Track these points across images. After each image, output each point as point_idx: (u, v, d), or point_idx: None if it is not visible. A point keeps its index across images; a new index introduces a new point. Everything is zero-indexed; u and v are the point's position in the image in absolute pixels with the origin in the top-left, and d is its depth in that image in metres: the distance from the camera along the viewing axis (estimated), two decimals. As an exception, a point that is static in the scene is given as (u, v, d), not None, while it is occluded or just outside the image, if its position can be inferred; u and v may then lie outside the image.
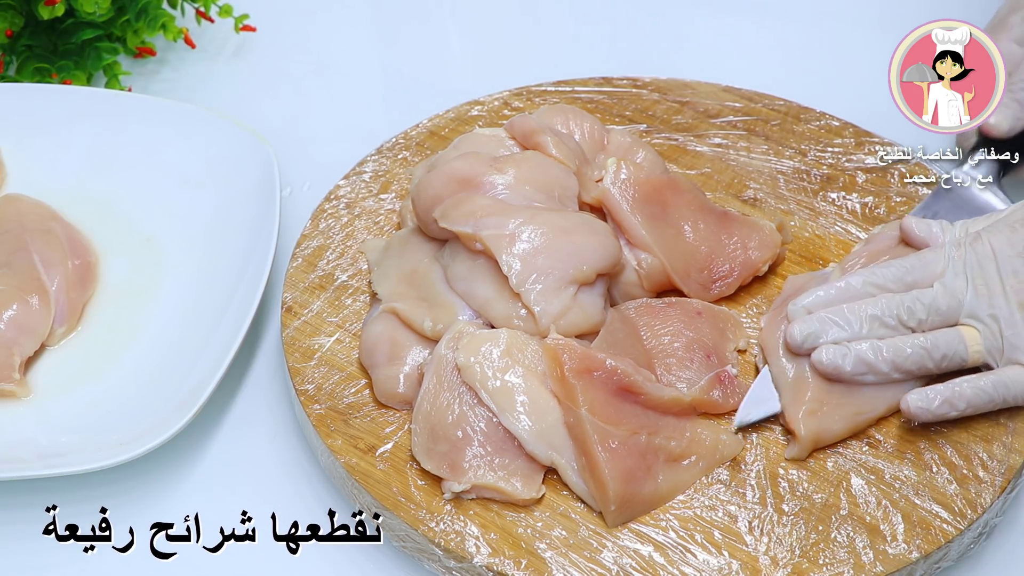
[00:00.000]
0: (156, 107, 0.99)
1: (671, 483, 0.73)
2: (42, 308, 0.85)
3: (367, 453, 0.75)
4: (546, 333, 0.75)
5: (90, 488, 0.79)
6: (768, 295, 0.85)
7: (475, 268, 0.77)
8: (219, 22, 1.15)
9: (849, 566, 0.69)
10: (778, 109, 0.99)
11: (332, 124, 1.09)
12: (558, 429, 0.72)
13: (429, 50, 1.18)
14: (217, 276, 0.88)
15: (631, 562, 0.69)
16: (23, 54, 1.06)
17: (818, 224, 0.89)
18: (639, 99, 1.00)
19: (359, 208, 0.91)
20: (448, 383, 0.73)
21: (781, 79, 1.08)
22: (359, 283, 0.86)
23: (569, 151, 0.83)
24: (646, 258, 0.82)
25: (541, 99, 1.00)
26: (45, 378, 0.84)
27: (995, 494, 0.72)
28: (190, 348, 0.84)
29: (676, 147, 0.96)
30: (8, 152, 0.98)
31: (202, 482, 0.80)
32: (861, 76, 0.98)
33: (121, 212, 0.95)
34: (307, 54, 1.17)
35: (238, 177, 0.94)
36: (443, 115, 0.99)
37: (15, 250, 0.88)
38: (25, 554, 0.76)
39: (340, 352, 0.81)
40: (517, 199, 0.79)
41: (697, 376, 0.77)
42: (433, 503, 0.72)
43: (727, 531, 0.71)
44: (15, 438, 0.80)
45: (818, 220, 0.90)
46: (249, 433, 0.83)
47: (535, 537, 0.70)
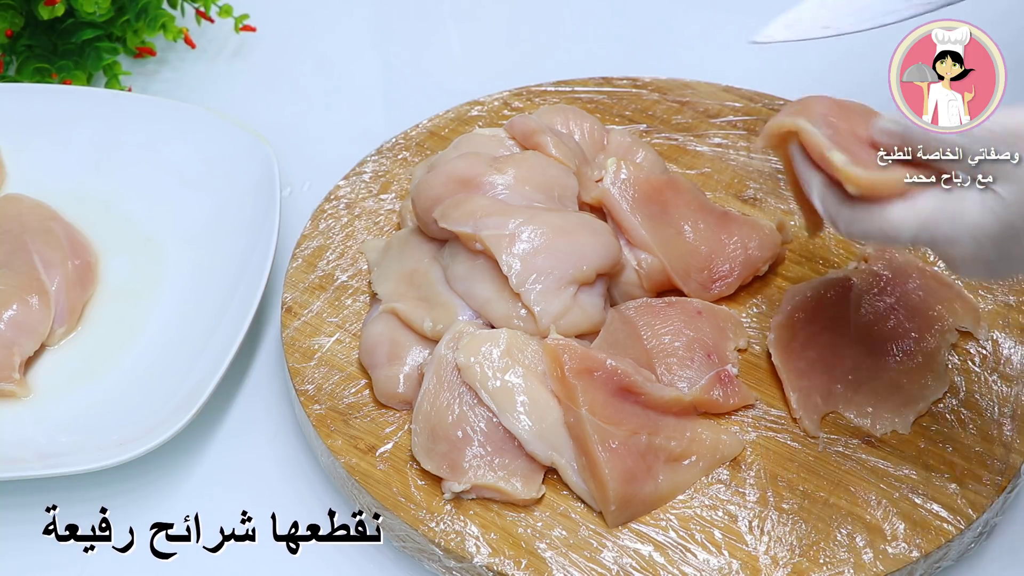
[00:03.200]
0: (156, 107, 0.99)
1: (671, 483, 0.73)
2: (42, 308, 0.85)
3: (367, 453, 0.75)
4: (546, 333, 0.75)
5: (90, 488, 0.79)
6: (768, 295, 0.85)
7: (475, 268, 0.77)
8: (219, 22, 1.15)
9: (849, 566, 0.69)
10: (778, 109, 0.98)
11: (332, 124, 1.09)
12: (558, 429, 0.72)
13: (429, 50, 1.19)
14: (217, 276, 0.88)
15: (631, 562, 0.69)
16: (23, 54, 1.06)
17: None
18: (639, 99, 1.00)
19: (359, 208, 0.91)
20: (448, 383, 0.73)
21: (781, 79, 1.08)
22: (359, 283, 0.86)
23: (569, 151, 0.83)
24: (646, 258, 0.82)
25: (541, 99, 1.00)
26: (45, 378, 0.84)
27: (995, 494, 0.72)
28: (190, 348, 0.84)
29: (676, 147, 0.96)
30: (8, 152, 0.98)
31: (202, 482, 0.80)
32: (861, 76, 0.98)
33: (121, 212, 0.95)
34: (307, 54, 1.17)
35: (238, 177, 0.94)
36: (443, 115, 0.99)
37: (15, 250, 0.88)
38: (25, 554, 0.76)
39: (340, 352, 0.81)
40: (517, 199, 0.79)
41: (698, 375, 0.77)
42: (433, 503, 0.72)
43: (727, 531, 0.71)
44: (15, 438, 0.80)
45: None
46: (249, 433, 0.83)
47: (535, 537, 0.70)
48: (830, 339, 0.80)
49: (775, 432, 0.76)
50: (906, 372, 0.78)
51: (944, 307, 0.82)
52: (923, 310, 0.81)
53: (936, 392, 0.78)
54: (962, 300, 0.83)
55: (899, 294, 0.82)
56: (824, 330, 0.80)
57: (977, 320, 0.82)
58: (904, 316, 0.81)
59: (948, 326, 0.81)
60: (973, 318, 0.82)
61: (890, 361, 0.79)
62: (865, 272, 0.83)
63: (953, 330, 0.81)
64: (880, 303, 0.82)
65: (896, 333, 0.80)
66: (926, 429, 0.76)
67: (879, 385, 0.78)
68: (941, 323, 0.81)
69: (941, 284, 0.83)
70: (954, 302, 0.82)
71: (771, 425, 0.77)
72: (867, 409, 0.77)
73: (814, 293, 0.82)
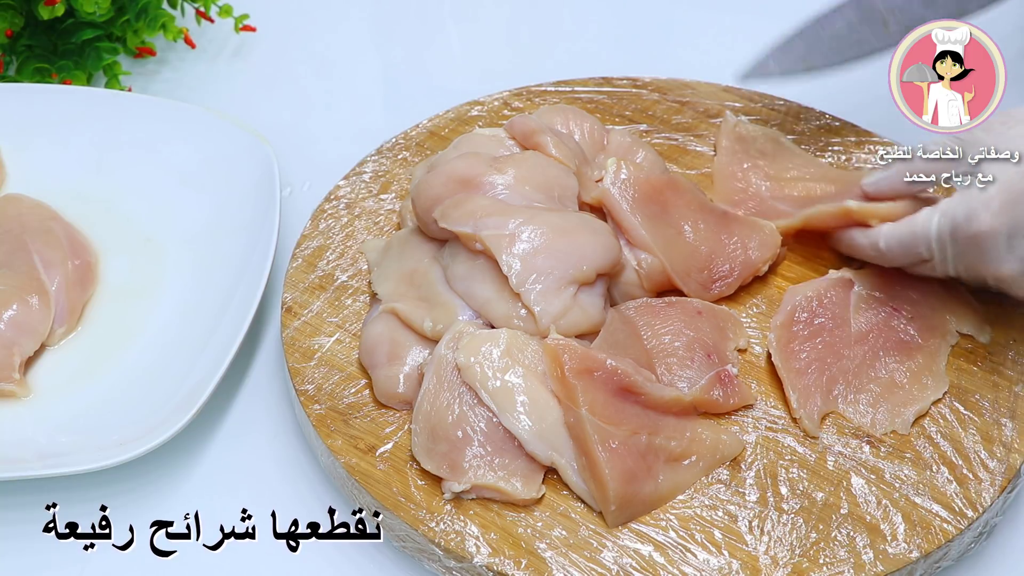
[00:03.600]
0: (156, 107, 0.99)
1: (671, 483, 0.73)
2: (42, 308, 0.85)
3: (367, 453, 0.75)
4: (546, 333, 0.75)
5: (90, 488, 0.79)
6: (768, 295, 0.85)
7: (475, 268, 0.77)
8: (219, 22, 1.15)
9: (849, 565, 0.69)
10: (778, 109, 0.99)
11: (332, 124, 1.09)
12: (558, 429, 0.72)
13: (429, 50, 1.19)
14: (217, 276, 0.88)
15: (631, 562, 0.69)
16: (23, 54, 1.06)
17: (818, 224, 0.89)
18: (639, 99, 1.00)
19: (359, 208, 0.91)
20: (448, 383, 0.73)
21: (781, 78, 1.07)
22: (359, 283, 0.86)
23: (569, 151, 0.83)
24: (646, 258, 0.82)
25: (541, 99, 1.00)
26: (45, 378, 0.84)
27: (995, 494, 0.72)
28: (190, 348, 0.84)
29: (676, 147, 0.96)
30: (8, 152, 0.98)
31: (202, 482, 0.80)
32: (861, 76, 0.98)
33: (121, 212, 0.95)
34: (307, 54, 1.17)
35: (238, 177, 0.94)
36: (443, 115, 0.99)
37: (15, 250, 0.88)
38: (25, 553, 0.76)
39: (340, 352, 0.81)
40: (517, 199, 0.79)
41: (698, 375, 0.77)
42: (433, 503, 0.72)
43: (727, 531, 0.71)
44: (15, 438, 0.80)
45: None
46: (249, 433, 0.83)
47: (535, 537, 0.70)
48: (830, 339, 0.80)
49: (775, 432, 0.76)
50: (906, 372, 0.78)
51: (947, 310, 0.82)
52: (925, 312, 0.81)
53: (936, 392, 0.78)
54: (965, 304, 0.82)
55: (901, 295, 0.82)
56: (824, 330, 0.80)
57: (980, 324, 0.81)
58: (905, 317, 0.81)
59: (950, 329, 0.81)
60: (975, 322, 0.82)
61: (890, 361, 0.79)
62: (867, 273, 0.83)
63: (955, 332, 0.81)
64: (881, 304, 0.82)
65: (896, 334, 0.80)
66: (926, 429, 0.76)
67: (879, 385, 0.78)
68: (943, 326, 0.81)
69: (945, 287, 0.83)
70: (957, 306, 0.82)
71: (771, 425, 0.77)
72: (867, 409, 0.77)
73: (815, 293, 0.82)
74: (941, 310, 0.82)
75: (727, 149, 0.93)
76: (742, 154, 0.93)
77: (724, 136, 0.94)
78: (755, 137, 0.94)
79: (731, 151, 0.93)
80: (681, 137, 0.97)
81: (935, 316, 0.81)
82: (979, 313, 0.82)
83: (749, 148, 0.93)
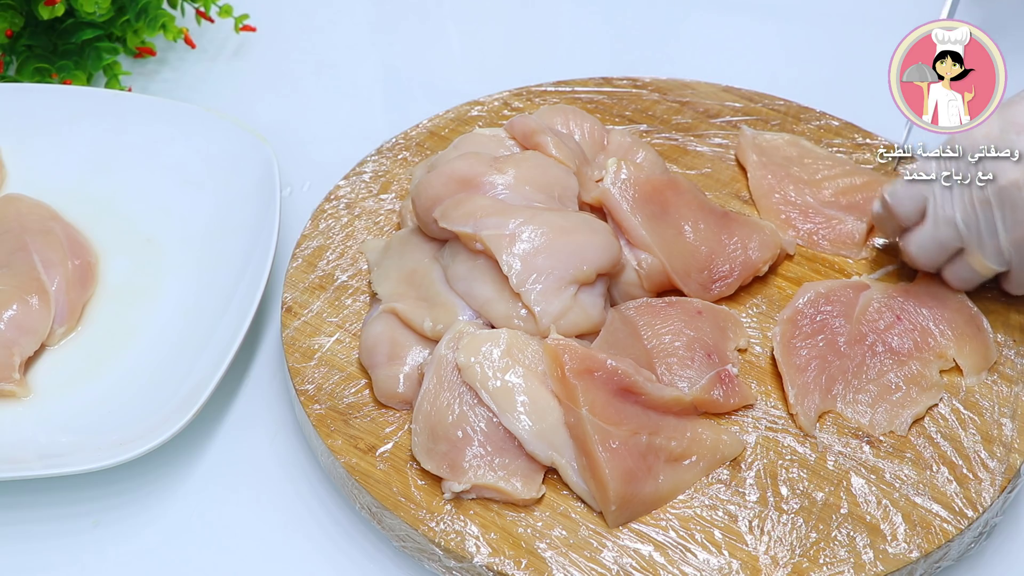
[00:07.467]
0: (156, 107, 0.99)
1: (671, 483, 0.73)
2: (42, 308, 0.85)
3: (367, 453, 0.75)
4: (546, 333, 0.75)
5: (90, 488, 0.79)
6: (768, 295, 0.85)
7: (475, 268, 0.77)
8: (219, 22, 1.15)
9: (849, 565, 0.69)
10: (778, 109, 0.99)
11: (332, 124, 1.09)
12: (558, 429, 0.72)
13: (429, 50, 1.19)
14: (217, 276, 0.88)
15: (631, 562, 0.69)
16: (23, 54, 1.06)
17: (818, 224, 0.89)
18: (639, 99, 1.00)
19: (359, 208, 0.91)
20: (448, 383, 0.73)
21: (781, 79, 1.08)
22: (359, 283, 0.86)
23: (569, 151, 0.83)
24: (646, 258, 0.82)
25: (541, 99, 1.00)
26: (45, 378, 0.84)
27: (995, 494, 0.72)
28: (190, 348, 0.84)
29: (676, 147, 0.96)
30: (8, 152, 0.98)
31: (202, 482, 0.80)
32: (861, 76, 0.98)
33: (121, 212, 0.95)
34: (307, 54, 1.17)
35: (238, 177, 0.94)
36: (443, 115, 0.99)
37: (15, 250, 0.88)
38: (25, 554, 0.76)
39: (340, 352, 0.81)
40: (517, 199, 0.79)
41: (698, 375, 0.77)
42: (433, 503, 0.72)
43: (727, 531, 0.71)
44: (15, 438, 0.80)
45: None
46: (249, 433, 0.83)
47: (535, 537, 0.70)
48: (833, 338, 0.80)
49: (775, 432, 0.76)
50: (901, 377, 0.78)
51: (953, 339, 0.80)
52: (926, 329, 0.80)
53: (931, 399, 0.77)
54: (978, 343, 0.80)
55: (910, 310, 0.81)
56: (828, 329, 0.80)
57: (981, 368, 0.79)
58: (906, 327, 0.80)
59: (945, 354, 0.79)
60: (978, 363, 0.79)
61: (886, 365, 0.79)
62: (887, 283, 0.83)
63: (949, 359, 0.79)
64: (889, 310, 0.81)
65: (893, 339, 0.80)
66: (926, 429, 0.76)
67: (879, 385, 0.78)
68: (941, 354, 0.79)
69: (965, 319, 0.81)
70: (968, 340, 0.80)
71: (771, 425, 0.77)
72: (866, 409, 0.77)
73: (828, 291, 0.81)
74: (948, 337, 0.80)
75: (757, 164, 0.92)
76: (772, 166, 0.92)
77: (750, 152, 0.93)
78: (777, 146, 0.94)
79: (760, 165, 0.92)
80: (681, 137, 0.97)
81: (937, 342, 0.80)
82: (989, 359, 0.80)
83: (775, 157, 0.93)
